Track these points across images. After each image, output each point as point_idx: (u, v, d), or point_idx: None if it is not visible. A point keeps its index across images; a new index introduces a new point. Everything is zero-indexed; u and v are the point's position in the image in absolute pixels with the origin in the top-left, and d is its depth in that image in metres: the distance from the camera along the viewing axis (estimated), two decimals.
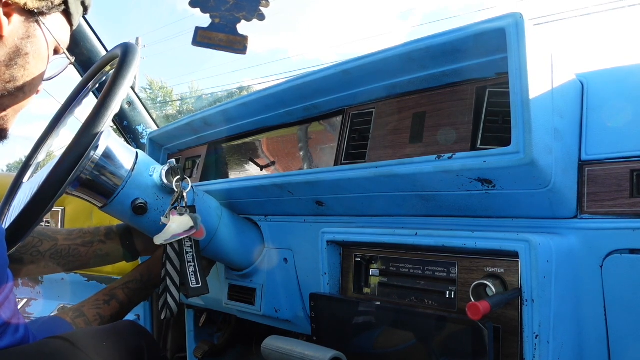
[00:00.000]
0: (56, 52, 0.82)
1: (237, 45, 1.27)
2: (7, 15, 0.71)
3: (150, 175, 1.01)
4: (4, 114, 0.78)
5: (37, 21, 0.75)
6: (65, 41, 0.82)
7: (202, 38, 1.26)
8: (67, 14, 0.80)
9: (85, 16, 1.59)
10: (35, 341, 0.76)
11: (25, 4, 0.71)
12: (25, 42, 0.74)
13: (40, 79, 0.81)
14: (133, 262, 1.30)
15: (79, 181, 0.93)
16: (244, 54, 1.29)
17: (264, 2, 1.25)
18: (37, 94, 0.83)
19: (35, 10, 0.73)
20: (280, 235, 1.16)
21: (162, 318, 1.03)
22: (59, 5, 0.77)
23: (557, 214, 0.75)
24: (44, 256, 1.07)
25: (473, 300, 0.73)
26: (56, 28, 0.79)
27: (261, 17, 1.27)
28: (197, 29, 1.27)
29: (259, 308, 1.19)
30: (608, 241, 0.71)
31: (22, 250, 1.04)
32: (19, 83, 0.76)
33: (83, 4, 0.83)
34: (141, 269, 1.12)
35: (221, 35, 1.26)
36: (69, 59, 0.85)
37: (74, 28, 0.84)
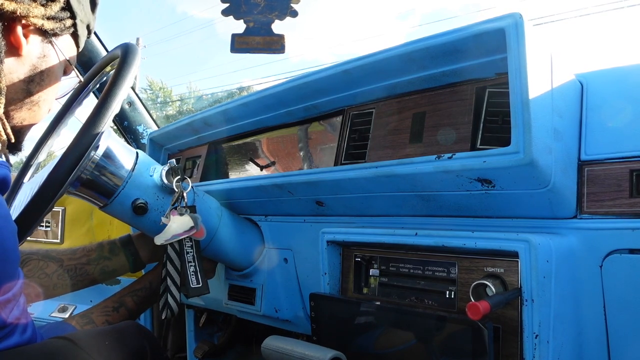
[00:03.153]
0: (65, 72, 0.87)
1: (275, 45, 1.27)
2: (25, 35, 0.76)
3: (151, 176, 1.01)
4: (20, 127, 0.83)
5: (50, 42, 0.80)
6: (74, 61, 0.88)
7: (239, 44, 1.26)
8: (75, 36, 0.85)
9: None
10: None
11: (42, 25, 0.77)
12: (41, 60, 0.79)
13: (53, 96, 0.86)
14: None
15: (79, 181, 0.94)
16: (282, 52, 1.29)
17: None
18: (49, 112, 0.88)
19: (50, 31, 0.78)
20: (280, 235, 1.16)
21: (163, 318, 1.03)
22: (69, 27, 0.82)
23: (557, 214, 0.75)
24: (52, 278, 1.08)
25: (473, 300, 0.73)
26: (66, 49, 0.84)
27: (294, 14, 1.27)
28: (234, 36, 1.27)
29: (259, 308, 1.19)
30: (607, 241, 0.71)
31: (29, 274, 1.05)
32: (35, 99, 0.81)
33: (88, 27, 0.87)
34: (150, 277, 1.13)
35: (258, 39, 1.26)
36: (78, 77, 0.90)
37: (79, 50, 0.89)
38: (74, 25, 0.82)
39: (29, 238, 0.85)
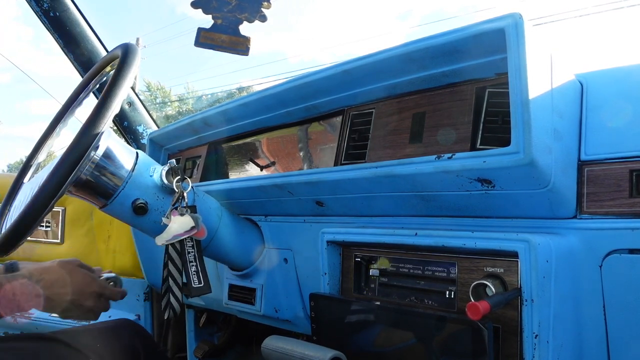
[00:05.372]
0: None
1: (240, 46, 1.27)
2: None
3: (151, 176, 1.01)
4: None
5: None
6: None
7: (204, 39, 1.26)
8: None
9: (85, 17, 1.60)
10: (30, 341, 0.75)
11: None
12: None
13: None
14: (133, 261, 1.29)
15: (79, 181, 0.93)
16: (246, 55, 1.29)
17: (265, 3, 1.25)
18: None
19: None
20: (280, 235, 1.16)
21: (165, 318, 1.03)
22: None
23: (557, 214, 0.75)
24: None
25: (473, 300, 0.73)
26: None
27: (263, 19, 1.27)
28: (200, 30, 1.27)
29: (259, 308, 1.19)
30: (607, 241, 0.71)
31: None
32: None
33: None
34: (32, 269, 0.98)
35: (223, 37, 1.26)
36: None
37: None
38: None
39: (29, 238, 0.85)
